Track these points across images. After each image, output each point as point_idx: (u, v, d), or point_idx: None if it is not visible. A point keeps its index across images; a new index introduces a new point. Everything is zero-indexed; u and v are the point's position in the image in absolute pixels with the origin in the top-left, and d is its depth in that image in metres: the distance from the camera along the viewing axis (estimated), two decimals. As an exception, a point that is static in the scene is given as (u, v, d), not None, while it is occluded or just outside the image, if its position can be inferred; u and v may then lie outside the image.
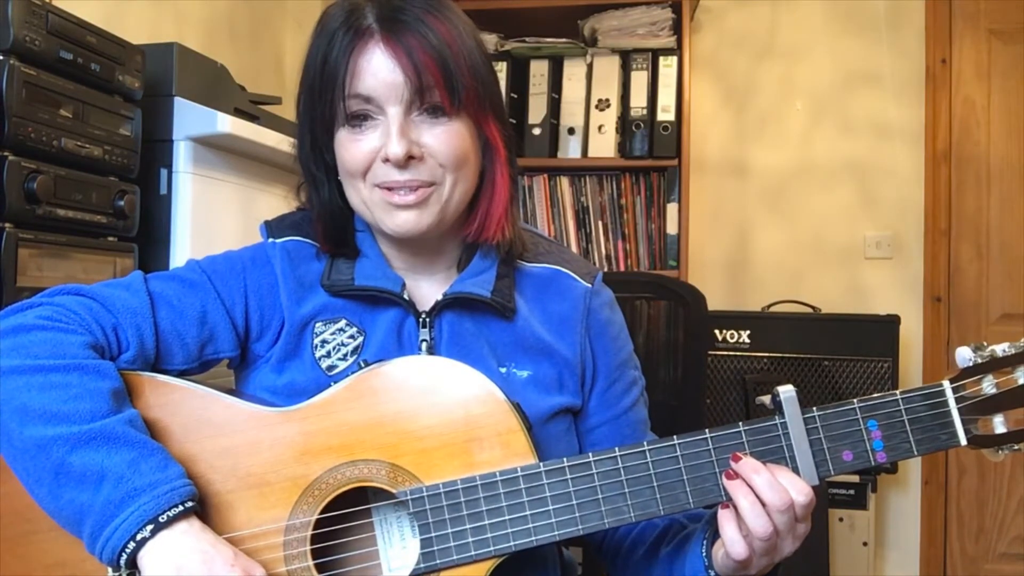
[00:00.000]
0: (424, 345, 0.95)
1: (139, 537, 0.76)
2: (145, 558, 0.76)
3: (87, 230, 1.42)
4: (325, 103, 0.91)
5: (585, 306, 1.01)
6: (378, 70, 0.88)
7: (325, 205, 0.97)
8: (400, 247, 0.98)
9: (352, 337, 0.95)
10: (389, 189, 0.91)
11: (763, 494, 0.82)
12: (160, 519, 0.76)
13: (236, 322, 0.95)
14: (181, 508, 0.77)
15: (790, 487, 0.82)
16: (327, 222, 0.97)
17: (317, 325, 0.95)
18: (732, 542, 0.83)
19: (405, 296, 0.95)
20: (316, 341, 0.95)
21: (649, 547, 0.98)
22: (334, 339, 0.95)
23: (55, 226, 1.34)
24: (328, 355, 0.94)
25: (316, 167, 0.97)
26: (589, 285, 1.03)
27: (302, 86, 0.94)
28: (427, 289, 0.99)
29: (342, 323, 0.95)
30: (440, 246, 0.99)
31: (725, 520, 0.84)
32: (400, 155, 0.88)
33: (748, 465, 0.83)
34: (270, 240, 0.99)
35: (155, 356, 0.91)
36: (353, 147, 0.91)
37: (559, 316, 1.00)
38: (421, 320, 0.95)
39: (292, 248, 0.98)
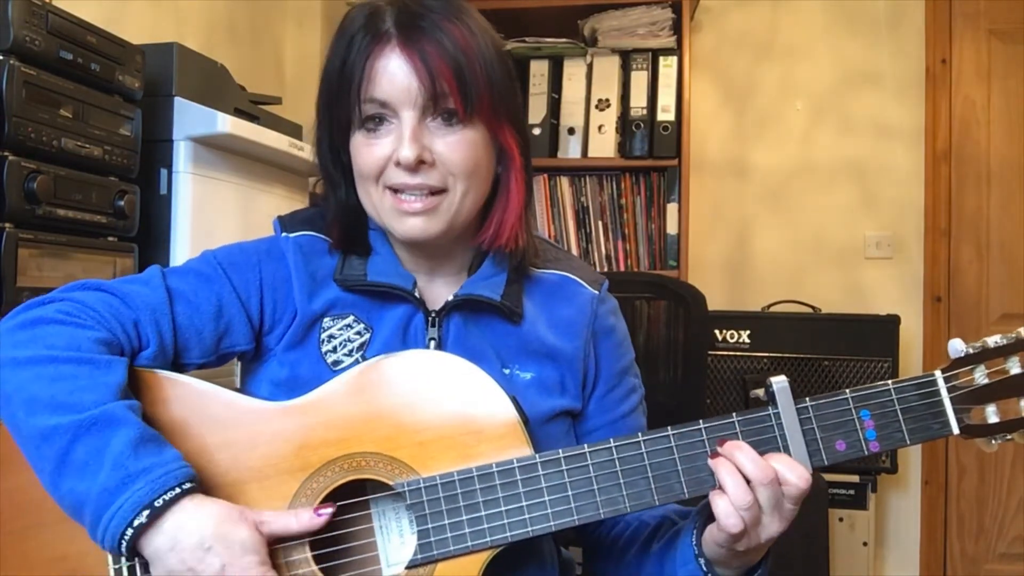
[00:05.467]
0: (432, 344, 0.96)
1: (136, 523, 0.75)
2: (147, 547, 0.76)
3: (87, 230, 1.42)
4: (342, 106, 0.92)
5: (592, 311, 1.03)
6: (394, 75, 0.89)
7: (341, 205, 0.98)
8: (412, 249, 0.99)
9: (359, 333, 0.96)
10: (398, 193, 0.92)
11: (745, 468, 0.82)
12: (156, 504, 0.76)
13: (251, 315, 0.96)
14: (178, 490, 0.77)
15: (783, 468, 0.83)
16: (342, 221, 0.99)
17: (326, 320, 0.96)
18: (727, 515, 0.82)
19: (416, 294, 0.96)
20: (324, 336, 0.96)
21: (641, 544, 0.99)
22: (341, 335, 0.96)
23: (55, 226, 1.34)
24: (334, 350, 0.95)
25: (333, 167, 0.98)
26: (596, 292, 1.04)
27: (321, 87, 0.96)
28: (438, 289, 1.00)
29: (350, 319, 0.96)
30: (452, 250, 1.00)
31: (716, 497, 0.84)
32: (411, 159, 0.88)
33: (731, 444, 0.84)
34: (283, 234, 0.99)
35: (174, 351, 0.92)
36: (367, 151, 0.92)
37: (566, 320, 1.01)
38: (430, 319, 0.96)
39: (305, 243, 0.99)
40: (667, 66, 2.76)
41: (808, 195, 3.06)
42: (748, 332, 2.72)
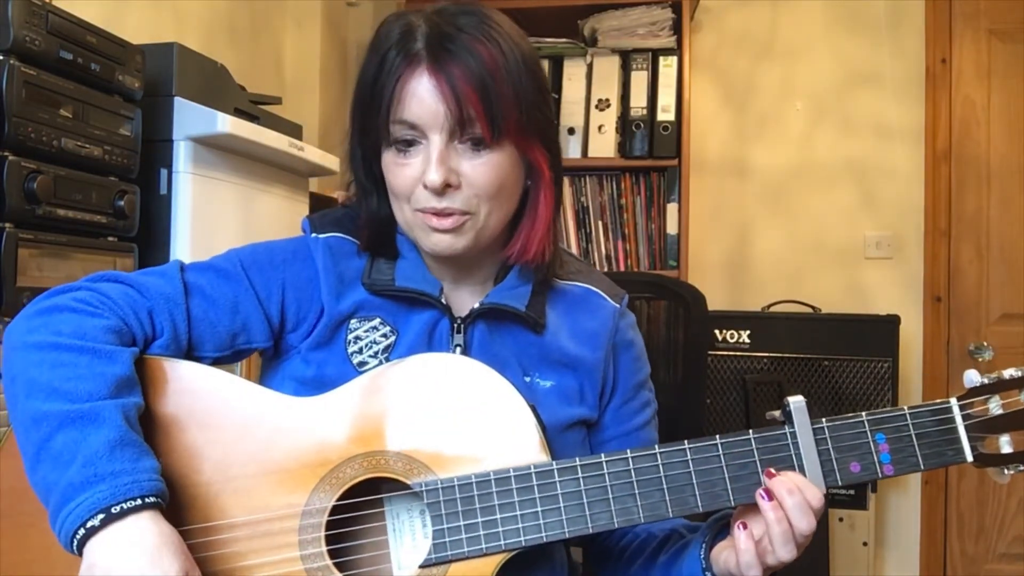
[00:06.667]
0: (458, 350, 0.97)
1: (89, 525, 0.74)
2: (89, 550, 0.74)
3: (87, 230, 1.42)
4: (373, 122, 0.93)
5: (614, 324, 1.04)
6: (422, 99, 0.89)
7: (373, 214, 0.99)
8: (440, 259, 1.00)
9: (385, 336, 0.97)
10: (427, 213, 0.92)
11: (792, 516, 0.83)
12: (112, 509, 0.74)
13: (270, 314, 0.97)
14: (139, 502, 0.75)
15: (807, 493, 0.83)
16: (373, 229, 0.99)
17: (352, 322, 0.97)
18: (748, 566, 0.84)
19: (443, 300, 0.97)
20: (350, 337, 0.97)
21: (648, 556, 1.00)
22: (367, 336, 0.97)
23: (55, 226, 1.34)
24: (360, 351, 0.96)
25: (366, 178, 0.99)
26: (618, 305, 1.06)
27: (354, 99, 0.96)
28: (464, 297, 1.01)
29: (376, 321, 0.97)
30: (478, 261, 1.01)
31: (744, 541, 0.85)
32: (438, 183, 0.89)
33: (783, 485, 0.84)
34: (313, 235, 1.00)
35: (188, 343, 0.92)
36: (398, 171, 0.93)
37: (588, 332, 1.03)
38: (456, 326, 0.97)
39: (334, 244, 0.99)
40: (667, 66, 2.76)
41: (808, 195, 3.06)
42: (748, 332, 2.72)
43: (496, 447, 0.86)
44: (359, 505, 0.87)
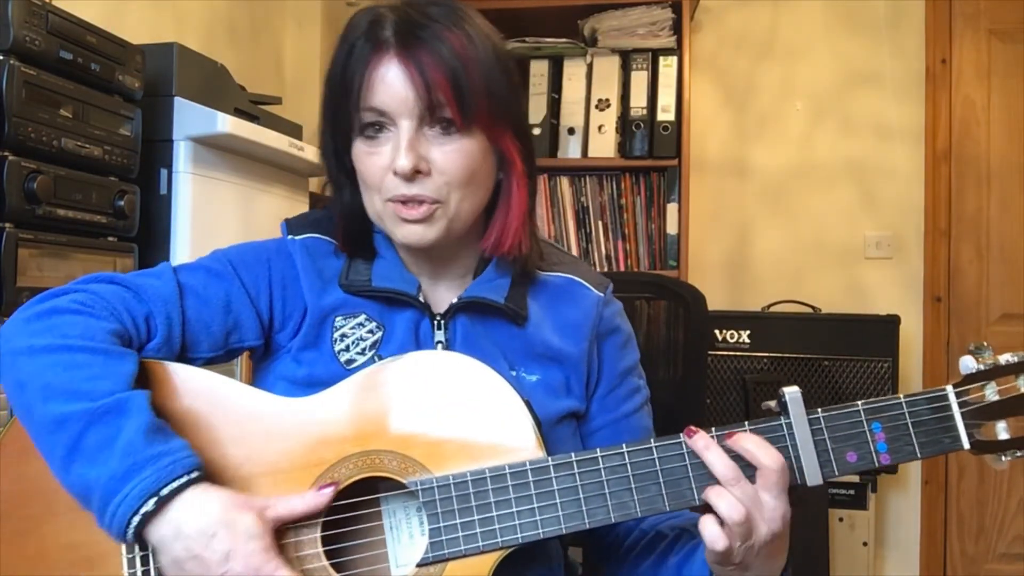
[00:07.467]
0: (440, 347, 0.97)
1: (143, 511, 0.76)
2: (153, 535, 0.77)
3: (87, 230, 1.42)
4: (343, 112, 0.93)
5: (597, 313, 1.04)
6: (391, 85, 0.89)
7: (347, 207, 0.99)
8: (415, 252, 0.99)
9: (371, 332, 0.97)
10: (398, 202, 0.92)
11: (715, 469, 0.83)
12: (162, 492, 0.76)
13: (260, 311, 0.97)
14: (185, 479, 0.77)
15: (757, 450, 0.82)
16: (348, 223, 0.99)
17: (337, 319, 0.97)
18: (712, 540, 0.82)
19: (420, 298, 0.97)
20: (336, 335, 0.96)
21: (658, 556, 0.99)
22: (354, 333, 0.96)
23: (55, 226, 1.34)
24: (347, 349, 0.96)
25: (339, 171, 0.99)
26: (601, 294, 1.05)
27: (324, 91, 0.96)
28: (443, 292, 1.01)
29: (362, 317, 0.97)
30: (456, 254, 1.00)
31: (705, 519, 0.83)
32: (407, 169, 0.89)
33: (700, 442, 0.84)
34: (290, 237, 1.00)
35: (181, 344, 0.93)
36: (368, 160, 0.93)
37: (572, 322, 1.02)
38: (436, 322, 0.97)
39: (311, 244, 1.00)
40: (667, 66, 2.76)
41: (808, 195, 3.06)
42: (748, 332, 2.72)
43: (491, 444, 0.85)
44: (355, 504, 0.87)
